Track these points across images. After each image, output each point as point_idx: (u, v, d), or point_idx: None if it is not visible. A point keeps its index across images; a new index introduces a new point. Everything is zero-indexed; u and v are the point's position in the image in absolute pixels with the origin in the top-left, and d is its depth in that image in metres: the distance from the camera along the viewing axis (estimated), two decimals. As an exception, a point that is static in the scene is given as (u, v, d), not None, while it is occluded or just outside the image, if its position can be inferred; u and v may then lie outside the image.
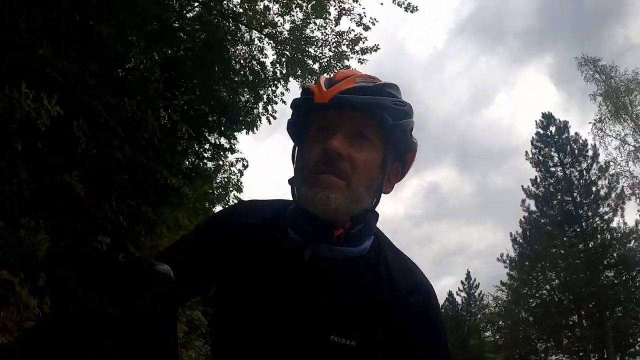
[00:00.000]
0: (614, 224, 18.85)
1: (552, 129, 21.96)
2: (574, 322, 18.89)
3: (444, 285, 44.02)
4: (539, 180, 21.28)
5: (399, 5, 8.28)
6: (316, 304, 0.90)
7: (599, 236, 18.91)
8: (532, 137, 22.11)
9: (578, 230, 19.47)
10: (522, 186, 21.61)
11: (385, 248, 0.99)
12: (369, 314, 0.90)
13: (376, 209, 1.00)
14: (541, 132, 22.11)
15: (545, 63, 66.29)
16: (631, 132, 18.24)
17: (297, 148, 1.00)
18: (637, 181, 18.09)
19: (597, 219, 19.35)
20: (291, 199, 1.00)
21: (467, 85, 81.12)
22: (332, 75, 1.00)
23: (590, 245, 18.78)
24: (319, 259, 0.92)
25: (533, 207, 20.96)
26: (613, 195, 19.08)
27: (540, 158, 21.58)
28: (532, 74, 71.95)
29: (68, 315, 0.66)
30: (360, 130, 0.92)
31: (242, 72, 8.65)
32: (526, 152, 22.02)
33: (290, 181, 0.98)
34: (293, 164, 1.00)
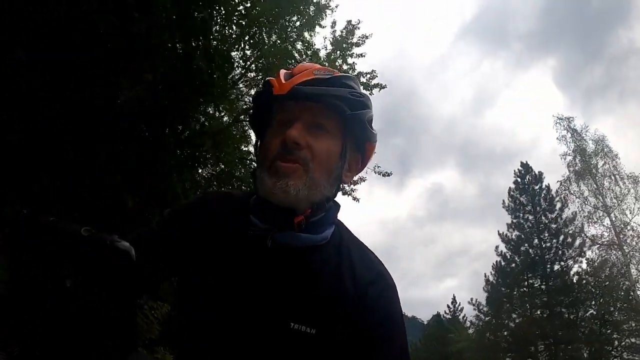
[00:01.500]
0: (573, 270, 21.59)
1: (528, 178, 24.75)
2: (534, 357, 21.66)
3: (447, 286, 44.41)
4: (513, 226, 24.09)
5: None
6: (277, 291, 0.91)
7: (558, 280, 21.67)
8: (510, 187, 24.90)
9: (541, 274, 22.25)
10: (498, 231, 24.44)
11: (346, 238, 1.02)
12: (329, 303, 0.92)
13: (337, 201, 1.02)
14: (519, 180, 24.87)
15: (549, 66, 67.14)
16: (592, 194, 20.34)
17: (258, 142, 1.04)
18: (589, 242, 20.41)
19: (559, 265, 22.10)
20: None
21: (471, 87, 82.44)
22: (290, 69, 1.01)
23: (551, 288, 21.57)
24: (280, 246, 0.94)
25: (505, 251, 23.84)
26: (576, 244, 21.77)
27: (515, 206, 24.36)
28: (535, 76, 73.19)
29: (24, 286, 0.65)
30: (319, 121, 0.95)
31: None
32: (503, 200, 24.81)
33: (253, 172, 1.02)
34: (255, 156, 1.06)
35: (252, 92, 9.96)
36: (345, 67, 11.10)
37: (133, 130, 5.39)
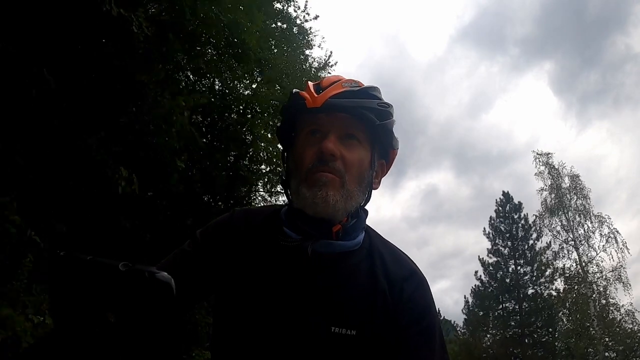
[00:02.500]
0: (545, 294, 23.58)
1: (508, 207, 26.74)
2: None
3: (439, 288, 44.57)
4: (492, 252, 26.11)
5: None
6: (316, 297, 0.93)
7: (531, 303, 23.72)
8: (491, 216, 26.90)
9: (516, 297, 24.29)
10: (479, 256, 26.44)
11: (376, 240, 1.05)
12: (367, 304, 0.94)
13: (365, 206, 1.05)
14: (500, 209, 26.88)
15: (545, 70, 67.22)
16: (563, 229, 21.81)
17: (286, 153, 1.07)
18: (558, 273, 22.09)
19: (532, 289, 24.17)
20: (280, 204, 1.07)
21: (468, 89, 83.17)
22: (318, 82, 1.05)
23: (524, 310, 23.62)
24: (319, 254, 0.95)
25: (484, 276, 25.90)
26: (547, 273, 23.74)
27: (495, 233, 26.37)
28: (531, 81, 73.56)
29: (70, 326, 0.66)
30: (350, 131, 0.99)
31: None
32: (484, 228, 26.81)
33: (284, 184, 1.04)
34: (283, 168, 1.08)
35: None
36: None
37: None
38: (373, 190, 1.06)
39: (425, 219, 74.20)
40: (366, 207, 1.06)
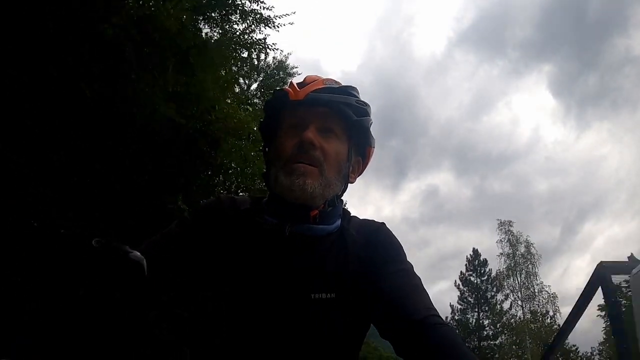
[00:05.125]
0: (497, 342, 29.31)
1: (477, 262, 32.41)
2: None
3: (439, 289, 44.67)
4: (462, 299, 31.71)
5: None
6: (295, 271, 0.99)
7: (490, 342, 29.42)
8: (461, 270, 32.56)
9: (477, 338, 29.95)
10: (450, 303, 31.84)
11: (351, 222, 1.12)
12: (342, 269, 1.01)
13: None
14: (467, 264, 32.56)
15: (545, 73, 70.45)
16: (517, 288, 27.45)
17: (267, 148, 1.14)
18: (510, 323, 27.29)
19: (491, 332, 29.90)
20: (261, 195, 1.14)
21: (469, 91, 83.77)
22: (300, 80, 1.11)
23: (484, 350, 29.18)
24: (298, 235, 1.02)
25: (452, 321, 31.27)
26: (503, 319, 29.32)
27: (464, 284, 32.02)
28: (531, 84, 75.22)
29: (41, 297, 0.68)
30: (329, 125, 1.06)
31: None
32: (455, 280, 32.42)
33: (265, 175, 1.11)
34: (265, 162, 1.15)
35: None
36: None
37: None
38: (349, 184, 1.14)
39: (426, 220, 72.91)
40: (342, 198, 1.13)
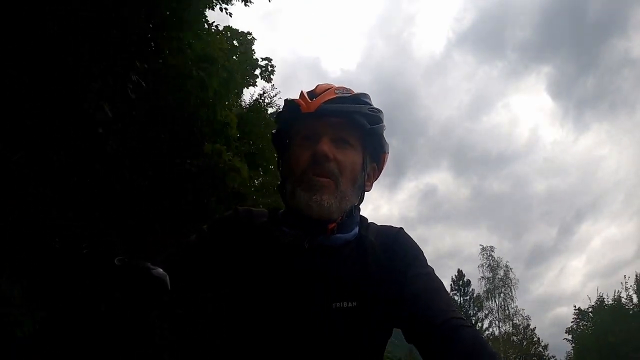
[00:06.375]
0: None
1: (461, 282, 35.93)
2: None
3: None
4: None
5: None
6: (317, 281, 0.99)
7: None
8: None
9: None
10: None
11: (369, 225, 1.12)
12: (363, 277, 1.00)
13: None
14: (452, 284, 35.61)
15: (544, 74, 72.49)
16: (496, 309, 30.66)
17: (281, 160, 1.13)
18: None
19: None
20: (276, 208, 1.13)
21: (468, 92, 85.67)
22: (311, 89, 1.10)
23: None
24: (316, 246, 1.02)
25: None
26: (484, 336, 32.88)
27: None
28: (530, 85, 77.68)
29: (64, 316, 0.86)
30: (343, 135, 1.05)
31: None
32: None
33: (280, 187, 1.10)
34: (279, 173, 1.14)
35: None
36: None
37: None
38: (366, 192, 1.12)
39: (423, 219, 71.95)
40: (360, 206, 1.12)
